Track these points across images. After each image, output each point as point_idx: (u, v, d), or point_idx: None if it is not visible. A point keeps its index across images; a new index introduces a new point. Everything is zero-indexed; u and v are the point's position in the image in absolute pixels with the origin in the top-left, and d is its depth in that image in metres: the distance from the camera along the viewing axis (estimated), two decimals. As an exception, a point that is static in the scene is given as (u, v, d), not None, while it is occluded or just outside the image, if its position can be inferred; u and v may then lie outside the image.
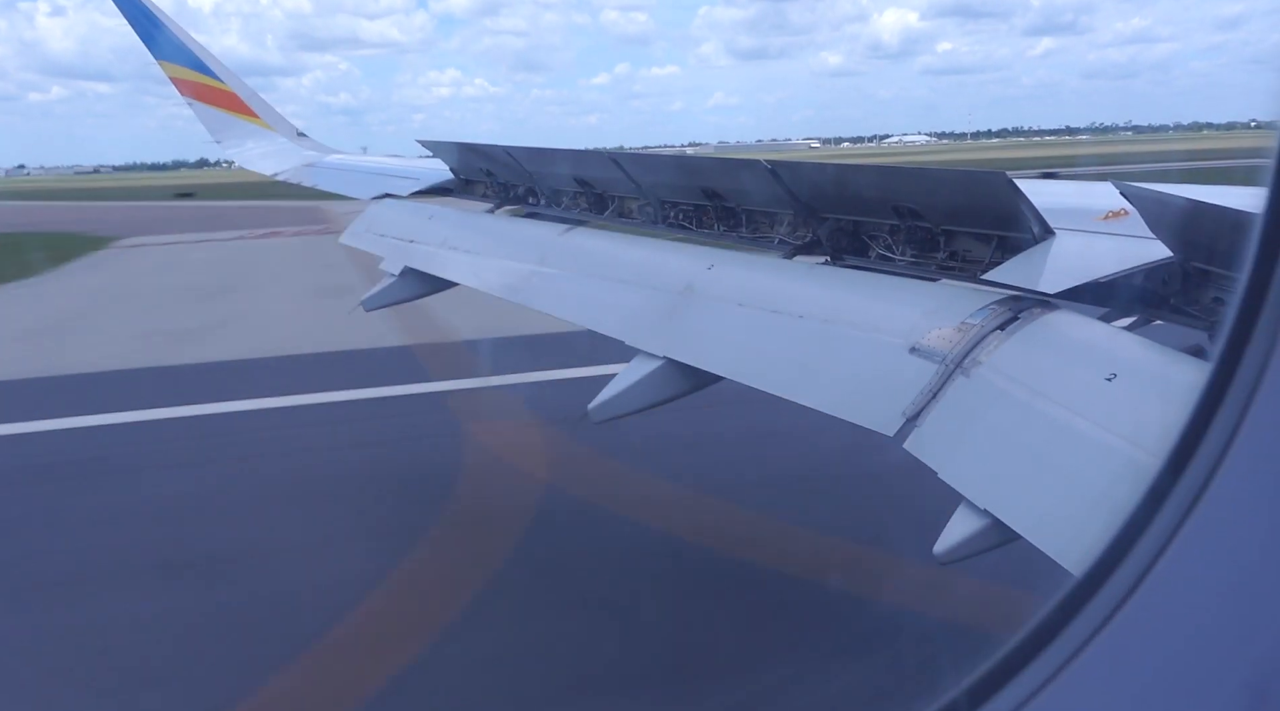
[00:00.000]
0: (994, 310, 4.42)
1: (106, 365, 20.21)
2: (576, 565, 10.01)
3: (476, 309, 10.13)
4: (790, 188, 6.33)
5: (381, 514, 11.78)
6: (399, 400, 16.47)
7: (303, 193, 14.99)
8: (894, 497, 9.80)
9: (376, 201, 11.51)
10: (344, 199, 12.92)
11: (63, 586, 10.03)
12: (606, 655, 8.35)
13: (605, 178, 8.63)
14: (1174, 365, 3.61)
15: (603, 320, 6.83)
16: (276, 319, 25.72)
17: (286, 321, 25.13)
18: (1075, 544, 3.34)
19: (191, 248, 46.23)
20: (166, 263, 40.90)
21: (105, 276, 36.50)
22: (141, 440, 14.98)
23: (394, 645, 8.57)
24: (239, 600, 9.56)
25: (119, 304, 29.71)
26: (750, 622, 8.64)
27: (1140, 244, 4.56)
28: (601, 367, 6.34)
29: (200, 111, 15.75)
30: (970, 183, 5.26)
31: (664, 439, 12.71)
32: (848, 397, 4.72)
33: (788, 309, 5.51)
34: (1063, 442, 3.64)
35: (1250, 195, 4.74)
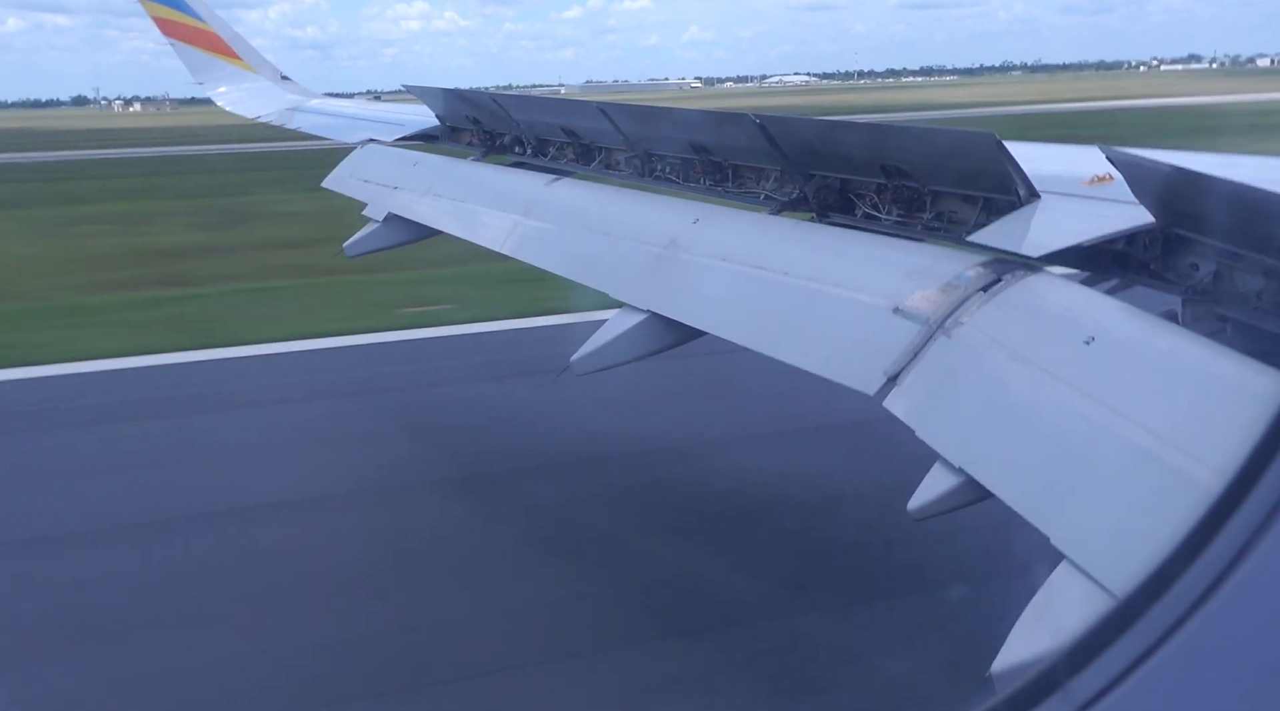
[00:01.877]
0: (978, 272, 4.43)
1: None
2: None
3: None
4: (778, 143, 6.30)
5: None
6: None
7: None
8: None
9: (361, 146, 11.39)
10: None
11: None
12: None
13: (593, 128, 8.56)
14: (1151, 330, 3.65)
15: (587, 272, 6.82)
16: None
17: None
18: (1047, 503, 3.39)
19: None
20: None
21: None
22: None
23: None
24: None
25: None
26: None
27: (1124, 209, 4.57)
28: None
29: (181, 51, 15.47)
30: (958, 143, 5.25)
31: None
32: (830, 356, 4.75)
33: (772, 266, 5.51)
34: (1040, 404, 3.68)
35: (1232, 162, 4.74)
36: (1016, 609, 3.19)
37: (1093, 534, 3.18)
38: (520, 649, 7.84)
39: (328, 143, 13.09)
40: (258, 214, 34.73)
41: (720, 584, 8.61)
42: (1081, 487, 3.37)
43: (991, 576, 5.55)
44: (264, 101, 14.99)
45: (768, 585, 8.65)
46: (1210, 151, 5.23)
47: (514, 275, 13.38)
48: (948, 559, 8.20)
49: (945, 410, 4.04)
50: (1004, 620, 3.17)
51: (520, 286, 16.84)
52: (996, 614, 3.31)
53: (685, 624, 8.06)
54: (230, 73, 15.60)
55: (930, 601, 8.04)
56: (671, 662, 7.59)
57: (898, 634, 7.82)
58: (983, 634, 3.31)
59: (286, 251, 26.01)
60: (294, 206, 32.07)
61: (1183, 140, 34.62)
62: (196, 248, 28.23)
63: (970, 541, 7.02)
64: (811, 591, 8.51)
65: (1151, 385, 3.44)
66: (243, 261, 25.50)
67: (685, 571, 8.85)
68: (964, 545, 7.50)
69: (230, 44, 15.63)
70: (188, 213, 35.84)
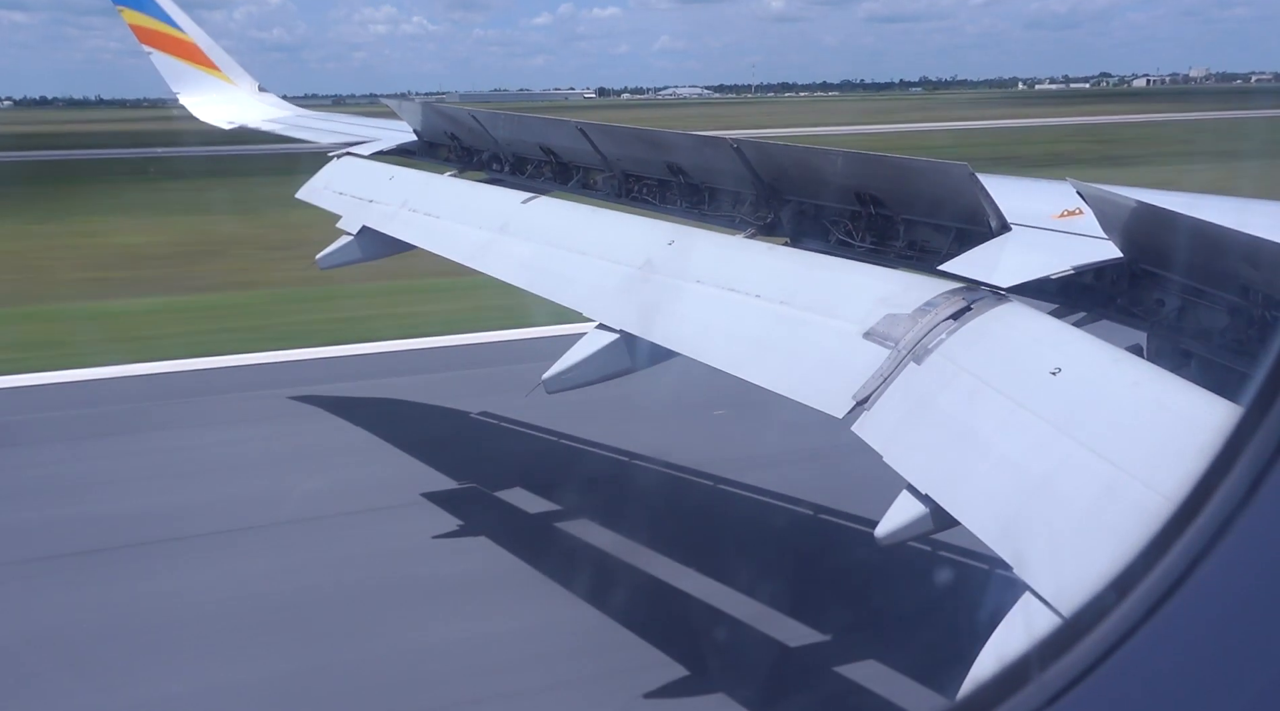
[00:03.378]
0: (948, 300, 4.47)
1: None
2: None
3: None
4: (754, 167, 6.34)
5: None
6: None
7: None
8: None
9: (336, 158, 11.34)
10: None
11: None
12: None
13: (571, 147, 8.58)
14: (1116, 363, 3.69)
15: (561, 291, 6.81)
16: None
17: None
18: (1013, 533, 3.41)
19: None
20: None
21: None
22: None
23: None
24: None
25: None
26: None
27: (1093, 243, 4.64)
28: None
29: (160, 61, 15.37)
30: (932, 173, 5.30)
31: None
32: (800, 379, 4.77)
33: (745, 289, 5.53)
34: (1005, 433, 3.71)
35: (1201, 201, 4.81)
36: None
37: (1055, 564, 3.19)
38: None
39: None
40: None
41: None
42: (1045, 518, 3.38)
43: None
44: (240, 113, 14.92)
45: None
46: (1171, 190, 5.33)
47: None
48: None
49: (913, 436, 4.05)
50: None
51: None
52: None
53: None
54: (208, 83, 15.51)
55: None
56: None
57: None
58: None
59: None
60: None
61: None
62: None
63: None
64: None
65: (1115, 417, 3.47)
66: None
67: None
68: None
69: (208, 54, 15.54)
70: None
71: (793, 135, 63.23)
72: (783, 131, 67.36)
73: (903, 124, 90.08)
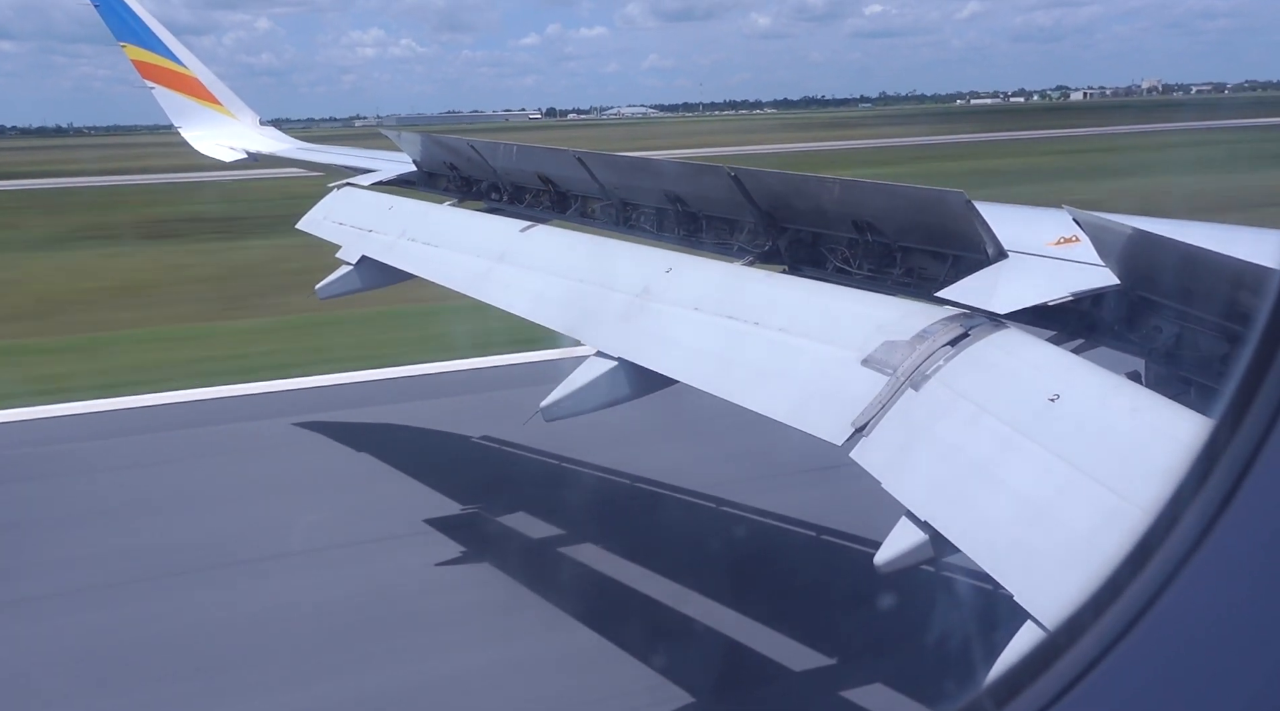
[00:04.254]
0: (946, 326, 4.47)
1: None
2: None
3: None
4: (751, 196, 6.36)
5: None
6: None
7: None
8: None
9: (336, 189, 11.40)
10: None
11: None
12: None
13: (568, 176, 8.62)
14: (1114, 389, 3.69)
15: (559, 319, 6.83)
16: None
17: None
18: (1013, 560, 3.39)
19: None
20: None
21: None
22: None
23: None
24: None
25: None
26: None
27: (1089, 270, 4.64)
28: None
29: (162, 96, 15.48)
30: (928, 201, 5.32)
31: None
32: (799, 406, 4.76)
33: (743, 316, 5.54)
34: (1004, 460, 3.70)
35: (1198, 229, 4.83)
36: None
37: (1055, 591, 3.18)
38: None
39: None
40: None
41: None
42: (1045, 545, 3.37)
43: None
44: (241, 145, 15.02)
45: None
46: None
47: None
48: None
49: (911, 463, 4.05)
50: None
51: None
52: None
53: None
54: (209, 117, 15.61)
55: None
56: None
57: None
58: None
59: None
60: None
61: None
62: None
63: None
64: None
65: (1114, 444, 3.46)
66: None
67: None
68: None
69: (210, 88, 15.65)
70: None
71: (679, 154, 63.26)
72: (671, 152, 66.88)
73: (786, 144, 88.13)
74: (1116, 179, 43.67)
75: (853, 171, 30.10)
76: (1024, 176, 48.21)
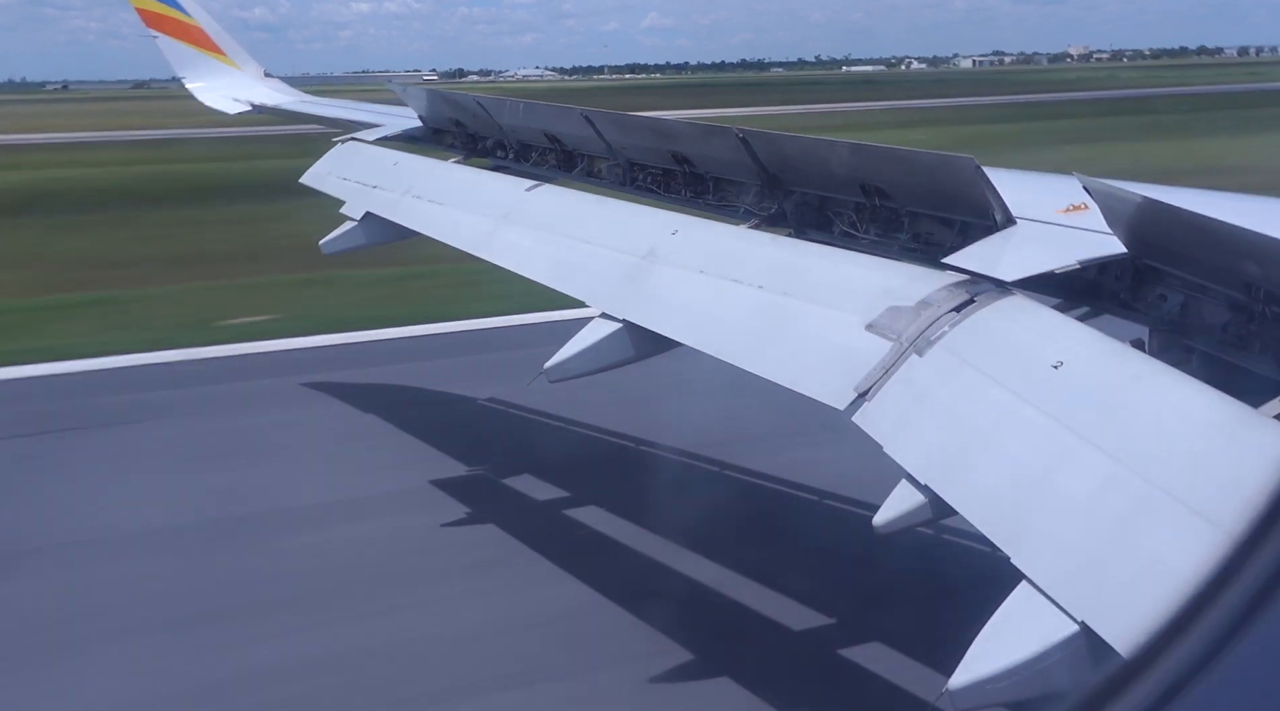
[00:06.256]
0: (951, 292, 4.48)
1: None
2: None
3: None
4: (759, 158, 6.34)
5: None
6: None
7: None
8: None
9: (340, 143, 11.35)
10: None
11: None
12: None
13: (575, 135, 8.57)
14: (1118, 357, 3.70)
15: (564, 280, 6.83)
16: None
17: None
18: (1009, 523, 3.44)
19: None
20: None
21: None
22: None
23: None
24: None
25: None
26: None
27: (1097, 238, 4.64)
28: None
29: (165, 45, 15.35)
30: (937, 166, 5.30)
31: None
32: (802, 370, 4.79)
33: (748, 279, 5.54)
34: (1006, 426, 3.73)
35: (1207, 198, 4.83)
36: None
37: (1053, 556, 3.22)
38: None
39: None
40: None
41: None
42: (1044, 509, 3.41)
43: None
44: (245, 97, 14.93)
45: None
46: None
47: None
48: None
49: (913, 428, 4.08)
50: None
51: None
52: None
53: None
54: (214, 67, 15.50)
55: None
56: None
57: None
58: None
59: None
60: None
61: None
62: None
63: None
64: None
65: (1116, 412, 3.48)
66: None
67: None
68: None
69: (215, 39, 15.52)
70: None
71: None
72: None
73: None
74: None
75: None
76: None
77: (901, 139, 35.68)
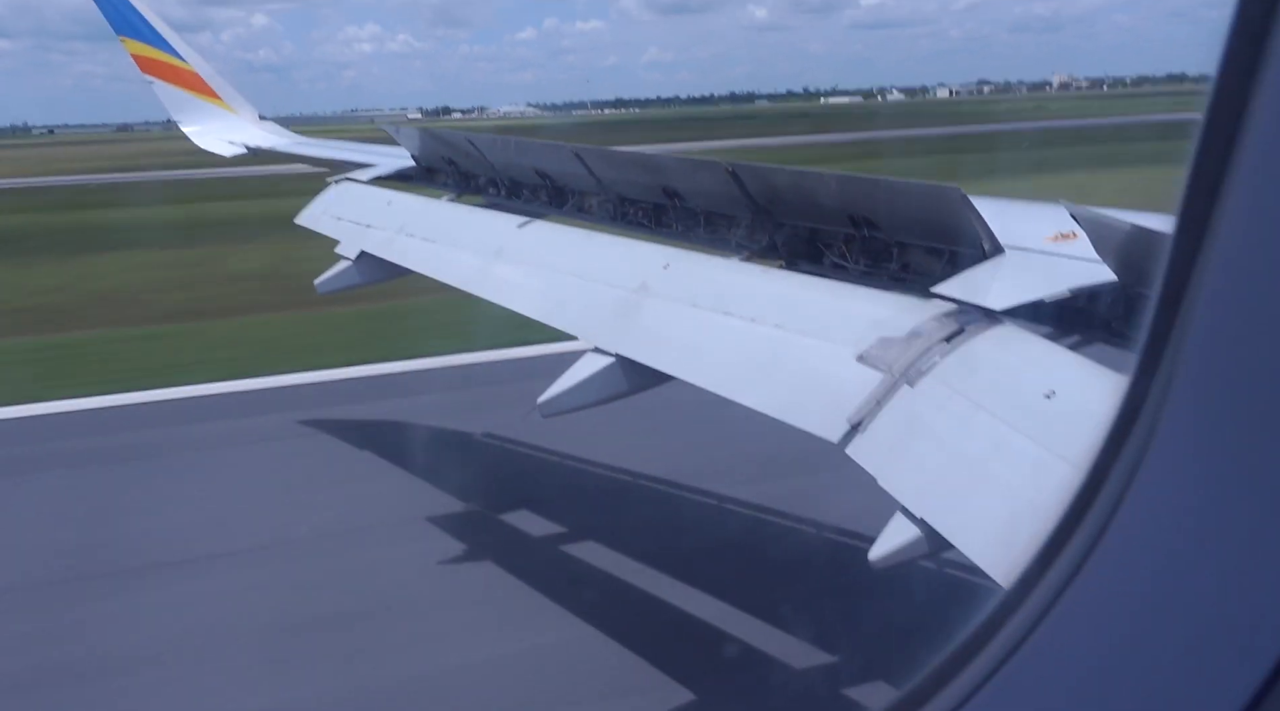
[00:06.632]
0: (941, 322, 4.46)
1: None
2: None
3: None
4: (749, 191, 6.35)
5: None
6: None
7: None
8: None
9: (335, 184, 11.40)
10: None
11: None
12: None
13: (566, 172, 8.60)
14: (1110, 386, 3.67)
15: (556, 315, 6.81)
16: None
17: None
18: (1006, 555, 3.39)
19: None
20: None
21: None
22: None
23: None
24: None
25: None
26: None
27: (1086, 266, 4.63)
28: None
29: (162, 90, 15.47)
30: (924, 196, 5.30)
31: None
32: (794, 402, 4.75)
33: (740, 312, 5.53)
34: (999, 456, 3.69)
35: None
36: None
37: None
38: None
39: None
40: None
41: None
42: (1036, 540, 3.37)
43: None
44: (240, 139, 15.02)
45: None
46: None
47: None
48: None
49: (906, 459, 4.04)
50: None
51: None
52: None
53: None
54: (209, 111, 15.61)
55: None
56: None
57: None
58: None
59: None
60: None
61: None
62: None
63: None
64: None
65: None
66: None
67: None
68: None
69: (209, 82, 15.64)
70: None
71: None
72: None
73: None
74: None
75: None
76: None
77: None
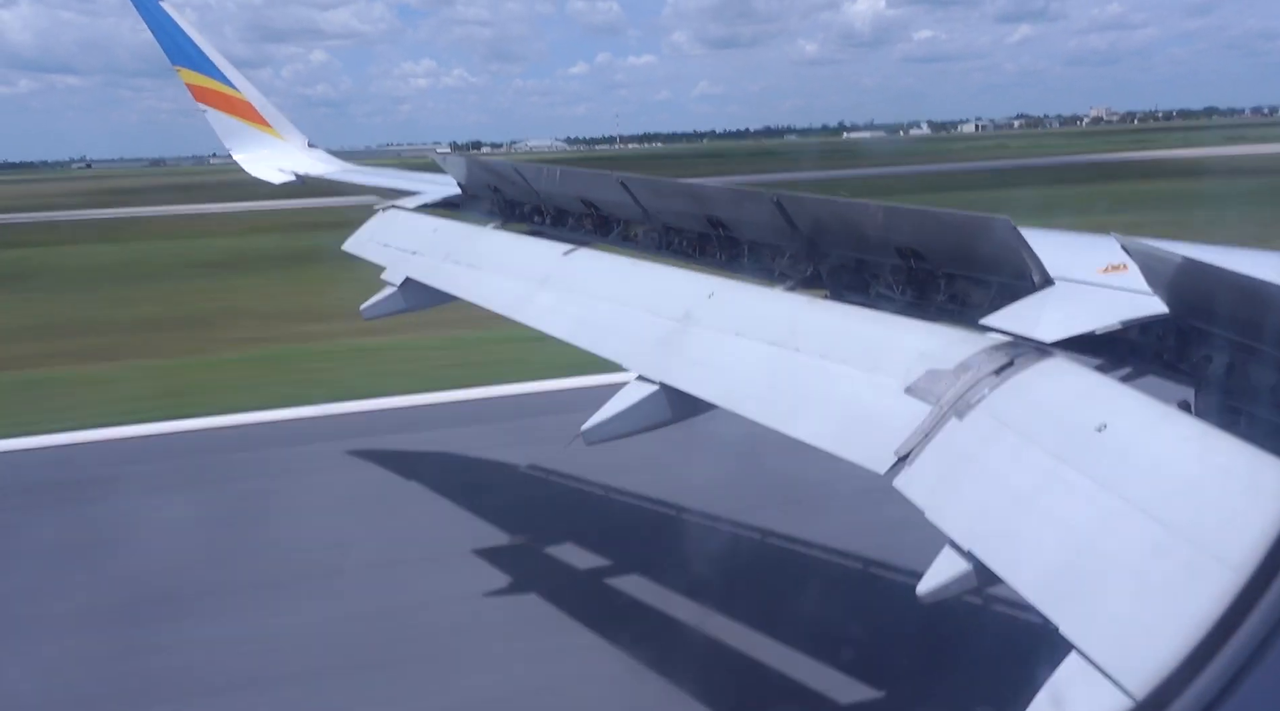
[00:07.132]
0: (990, 354, 4.42)
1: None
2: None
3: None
4: (794, 221, 6.35)
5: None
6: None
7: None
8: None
9: (381, 211, 11.54)
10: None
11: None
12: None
13: (611, 200, 8.65)
14: (1163, 419, 3.62)
15: (601, 343, 6.83)
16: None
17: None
18: (1056, 591, 3.34)
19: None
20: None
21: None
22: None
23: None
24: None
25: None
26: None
27: (1137, 299, 4.57)
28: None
29: (214, 118, 15.81)
30: (973, 227, 5.27)
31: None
32: (841, 433, 4.72)
33: (785, 342, 5.51)
34: (1050, 490, 3.64)
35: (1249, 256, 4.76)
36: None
37: (1103, 625, 3.12)
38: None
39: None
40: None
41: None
42: (1092, 577, 3.31)
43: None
44: (290, 167, 15.28)
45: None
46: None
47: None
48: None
49: (955, 493, 3.99)
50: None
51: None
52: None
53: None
54: (260, 139, 15.90)
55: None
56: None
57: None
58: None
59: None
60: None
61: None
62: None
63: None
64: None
65: (1164, 475, 3.39)
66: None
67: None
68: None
69: (260, 111, 15.95)
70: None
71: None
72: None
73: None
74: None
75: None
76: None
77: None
